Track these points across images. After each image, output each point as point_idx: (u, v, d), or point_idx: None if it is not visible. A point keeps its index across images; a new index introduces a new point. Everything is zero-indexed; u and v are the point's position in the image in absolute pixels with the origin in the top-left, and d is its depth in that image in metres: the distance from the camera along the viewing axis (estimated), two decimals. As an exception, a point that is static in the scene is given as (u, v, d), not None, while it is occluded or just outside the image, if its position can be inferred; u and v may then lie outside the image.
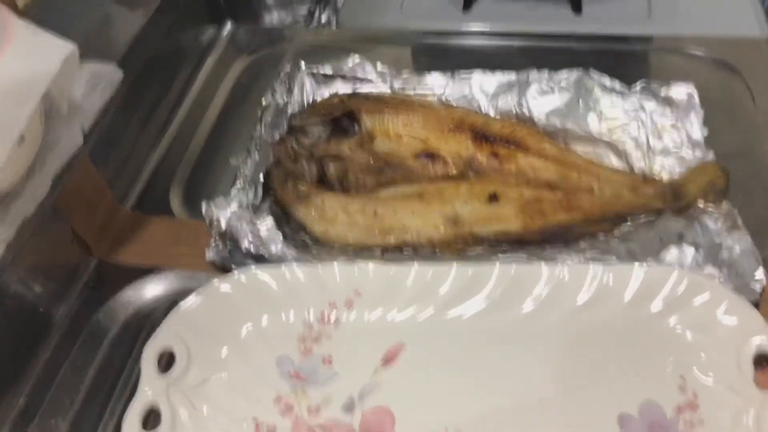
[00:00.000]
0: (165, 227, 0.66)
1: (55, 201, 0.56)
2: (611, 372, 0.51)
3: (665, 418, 0.48)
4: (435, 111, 0.69)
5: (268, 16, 0.95)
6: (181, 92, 0.81)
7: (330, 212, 0.62)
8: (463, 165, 0.66)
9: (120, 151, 0.69)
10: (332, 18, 0.93)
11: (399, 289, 0.56)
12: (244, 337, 0.54)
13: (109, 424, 0.52)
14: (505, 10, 0.88)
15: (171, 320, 0.53)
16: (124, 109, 0.69)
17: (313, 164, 0.67)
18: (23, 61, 0.47)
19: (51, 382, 0.54)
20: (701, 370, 0.50)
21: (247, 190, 0.63)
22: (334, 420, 0.50)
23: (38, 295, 0.57)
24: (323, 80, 0.75)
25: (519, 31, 0.83)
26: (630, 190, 0.62)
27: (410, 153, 0.67)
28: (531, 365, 0.52)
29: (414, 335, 0.54)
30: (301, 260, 0.58)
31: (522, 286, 0.55)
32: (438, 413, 0.50)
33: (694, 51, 0.77)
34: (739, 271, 0.54)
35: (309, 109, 0.71)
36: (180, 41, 0.81)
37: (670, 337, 0.52)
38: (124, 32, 0.69)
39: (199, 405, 0.50)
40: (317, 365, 0.53)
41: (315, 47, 0.86)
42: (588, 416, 0.49)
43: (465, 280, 0.55)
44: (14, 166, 0.48)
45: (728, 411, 0.48)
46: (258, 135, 0.69)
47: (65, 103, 0.55)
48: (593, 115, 0.67)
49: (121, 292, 0.60)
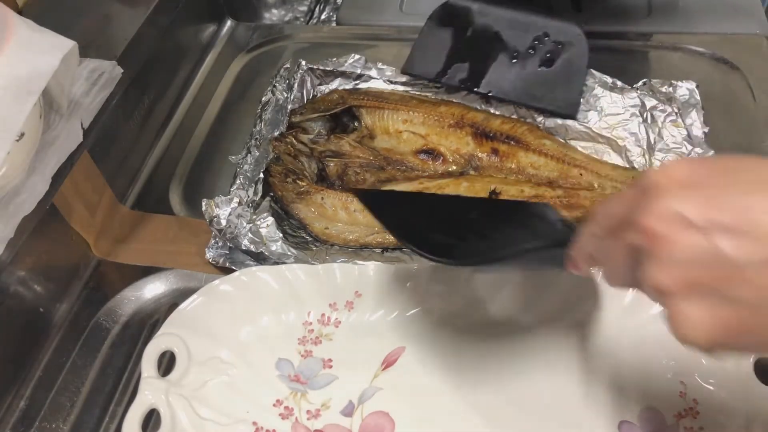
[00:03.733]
0: (165, 225, 0.66)
1: (54, 199, 0.56)
2: (611, 378, 0.50)
3: (665, 425, 0.48)
4: (435, 107, 0.68)
5: (268, 13, 0.95)
6: (181, 89, 0.81)
7: (330, 210, 0.62)
8: (464, 162, 0.66)
9: (119, 148, 0.69)
10: (332, 15, 0.93)
11: (399, 290, 0.55)
12: (245, 339, 0.54)
13: (110, 427, 0.52)
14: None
15: (171, 321, 0.53)
16: (123, 107, 0.68)
17: (313, 161, 0.66)
18: (23, 58, 0.47)
19: (51, 385, 0.54)
20: (702, 376, 0.50)
21: (247, 188, 0.63)
22: (334, 424, 0.50)
23: (38, 295, 0.57)
24: (323, 77, 0.75)
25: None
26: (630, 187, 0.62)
27: (410, 149, 0.67)
28: (531, 372, 0.51)
29: (414, 337, 0.54)
30: (301, 258, 0.58)
31: (522, 288, 0.55)
32: (437, 418, 0.50)
33: (694, 48, 0.77)
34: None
35: (308, 106, 0.71)
36: (180, 39, 0.81)
37: (671, 342, 0.51)
38: (123, 29, 0.68)
39: (198, 408, 0.50)
40: (317, 368, 0.53)
41: (314, 44, 0.86)
42: (588, 424, 0.48)
43: (465, 282, 0.55)
44: (14, 162, 0.48)
45: (728, 418, 0.47)
46: (257, 132, 0.69)
47: (65, 99, 0.55)
48: (593, 112, 0.67)
49: (121, 292, 0.60)
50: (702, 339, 0.27)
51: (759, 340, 0.27)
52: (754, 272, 0.26)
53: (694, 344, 0.27)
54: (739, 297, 0.26)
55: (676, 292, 0.27)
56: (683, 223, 0.27)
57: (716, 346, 0.27)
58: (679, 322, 0.28)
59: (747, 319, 0.26)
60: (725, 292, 0.26)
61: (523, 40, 0.69)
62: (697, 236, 0.27)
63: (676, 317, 0.28)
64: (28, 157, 0.50)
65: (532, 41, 0.69)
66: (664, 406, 0.49)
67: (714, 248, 0.26)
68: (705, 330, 0.27)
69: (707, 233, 0.27)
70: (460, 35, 0.72)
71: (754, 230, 0.26)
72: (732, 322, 0.26)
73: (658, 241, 0.28)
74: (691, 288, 0.27)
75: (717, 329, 0.27)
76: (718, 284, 0.26)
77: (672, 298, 0.28)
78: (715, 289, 0.27)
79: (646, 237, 0.28)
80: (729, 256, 0.26)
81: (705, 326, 0.27)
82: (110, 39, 0.67)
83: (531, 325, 0.54)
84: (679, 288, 0.27)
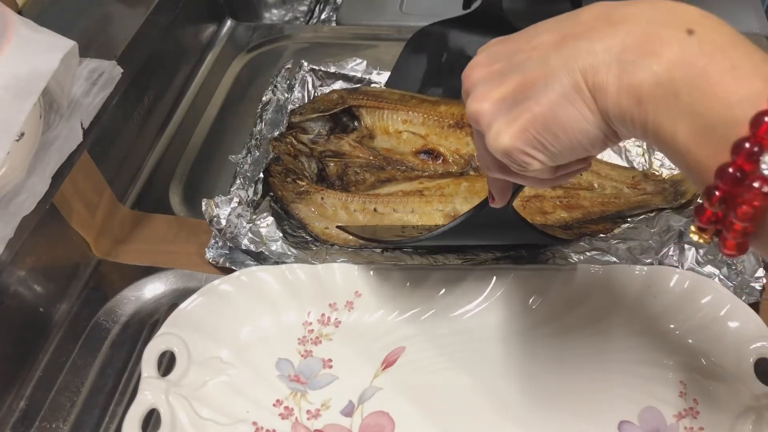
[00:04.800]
0: (165, 225, 0.66)
1: (54, 199, 0.56)
2: (611, 377, 0.51)
3: (665, 425, 0.48)
4: (435, 106, 0.68)
5: (268, 13, 0.95)
6: (181, 89, 0.81)
7: (330, 209, 0.62)
8: (464, 162, 0.66)
9: (119, 148, 0.69)
10: (332, 15, 0.93)
11: (399, 290, 0.55)
12: (245, 339, 0.54)
13: (110, 427, 0.52)
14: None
15: (171, 321, 0.53)
16: (123, 107, 0.68)
17: (312, 161, 0.66)
18: (23, 58, 0.47)
19: (51, 385, 0.54)
20: (702, 376, 0.50)
21: (247, 188, 0.63)
22: (334, 424, 0.50)
23: (38, 295, 0.57)
24: (325, 78, 0.75)
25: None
26: (630, 187, 0.62)
27: (410, 150, 0.67)
28: (531, 372, 0.52)
29: (414, 337, 0.54)
30: (301, 258, 0.58)
31: (521, 288, 0.55)
32: (437, 418, 0.50)
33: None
34: (740, 270, 0.54)
35: (308, 105, 0.71)
36: (180, 39, 0.81)
37: (671, 342, 0.51)
38: (124, 29, 0.68)
39: (198, 408, 0.50)
40: (317, 368, 0.53)
41: (314, 44, 0.86)
42: (588, 423, 0.48)
43: (465, 282, 0.55)
44: (13, 162, 0.48)
45: (729, 417, 0.47)
46: (258, 132, 0.69)
47: (65, 99, 0.55)
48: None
49: (121, 292, 0.60)
50: (507, 142, 0.32)
51: (548, 135, 0.32)
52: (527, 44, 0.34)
53: (504, 148, 0.33)
54: (521, 64, 0.33)
55: (485, 113, 0.33)
56: (477, 66, 0.36)
57: (520, 145, 0.32)
58: (491, 137, 0.33)
59: (534, 117, 0.32)
60: (516, 97, 0.32)
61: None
62: (483, 70, 0.35)
63: (488, 134, 0.33)
64: (28, 157, 0.50)
65: None
66: (664, 406, 0.49)
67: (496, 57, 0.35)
68: (507, 134, 0.32)
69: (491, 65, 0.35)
70: (436, 60, 0.73)
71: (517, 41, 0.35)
72: (523, 122, 0.32)
73: (469, 86, 0.35)
74: (493, 105, 0.33)
75: (516, 130, 0.32)
76: (510, 93, 0.33)
77: (483, 119, 0.33)
78: (508, 99, 0.33)
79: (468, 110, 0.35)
80: (504, 51, 0.35)
81: (508, 131, 0.32)
82: (110, 39, 0.67)
83: (531, 325, 0.54)
84: (485, 109, 0.33)
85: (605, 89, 0.30)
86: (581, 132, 0.31)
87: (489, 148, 0.34)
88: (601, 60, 0.30)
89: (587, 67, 0.30)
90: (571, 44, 0.31)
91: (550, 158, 0.33)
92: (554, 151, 0.32)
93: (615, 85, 0.29)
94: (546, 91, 0.31)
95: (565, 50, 0.31)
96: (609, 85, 0.29)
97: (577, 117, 0.31)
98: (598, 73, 0.30)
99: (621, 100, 0.29)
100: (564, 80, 0.31)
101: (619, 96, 0.29)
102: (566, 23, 0.33)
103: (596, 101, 0.30)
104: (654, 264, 0.55)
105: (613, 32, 0.30)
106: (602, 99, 0.30)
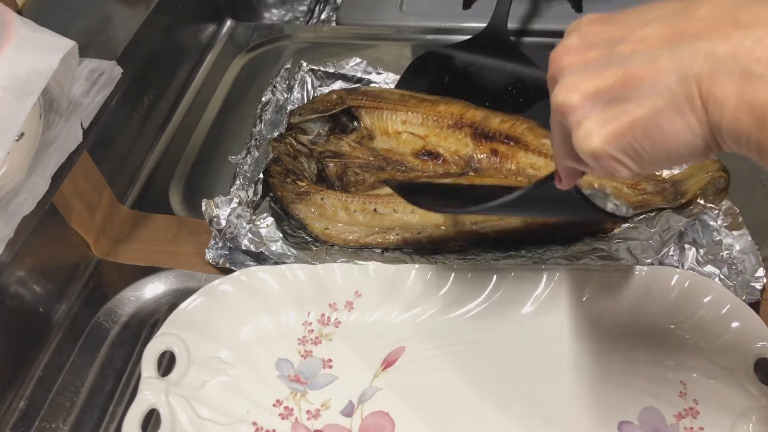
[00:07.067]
0: (165, 225, 0.66)
1: (54, 199, 0.56)
2: (611, 378, 0.50)
3: (665, 425, 0.48)
4: (434, 106, 0.68)
5: (268, 13, 0.95)
6: (181, 90, 0.81)
7: (330, 210, 0.62)
8: (463, 163, 0.66)
9: (119, 148, 0.69)
10: (332, 15, 0.93)
11: (399, 290, 0.55)
12: (245, 339, 0.54)
13: (110, 427, 0.52)
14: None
15: (171, 321, 0.53)
16: (123, 107, 0.68)
17: (312, 161, 0.66)
18: (23, 58, 0.47)
19: (51, 385, 0.54)
20: (702, 376, 0.50)
21: (247, 188, 0.63)
22: (334, 424, 0.50)
23: (38, 295, 0.57)
24: (324, 78, 0.75)
25: (519, 30, 0.83)
26: (630, 187, 0.62)
27: (410, 150, 0.67)
28: (531, 371, 0.51)
29: (414, 337, 0.54)
30: (301, 258, 0.58)
31: (521, 288, 0.55)
32: (437, 418, 0.50)
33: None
34: (740, 270, 0.54)
35: (307, 106, 0.71)
36: (179, 39, 0.81)
37: (671, 342, 0.51)
38: (123, 29, 0.68)
39: (198, 408, 0.50)
40: (317, 368, 0.53)
41: (314, 44, 0.86)
42: (588, 424, 0.48)
43: (465, 282, 0.55)
44: (13, 162, 0.48)
45: (729, 417, 0.47)
46: (257, 132, 0.69)
47: (65, 99, 0.55)
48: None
49: (121, 292, 0.60)
50: (598, 145, 0.29)
51: (646, 144, 0.29)
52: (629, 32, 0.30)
53: (593, 151, 0.30)
54: (623, 57, 0.29)
55: (575, 107, 0.30)
56: (569, 50, 0.32)
57: (611, 150, 0.29)
58: (579, 135, 0.30)
59: (634, 122, 0.29)
60: (614, 94, 0.29)
61: (498, 87, 0.72)
62: (577, 56, 0.31)
63: (576, 131, 0.30)
64: (27, 157, 0.50)
65: (508, 88, 0.72)
66: (664, 406, 0.49)
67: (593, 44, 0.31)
68: (599, 136, 0.29)
69: (584, 52, 0.31)
70: (439, 81, 0.73)
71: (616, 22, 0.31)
72: (620, 126, 0.29)
73: (557, 72, 0.32)
74: (585, 99, 0.30)
75: (609, 134, 0.29)
76: (608, 89, 0.29)
77: (573, 114, 0.30)
78: (603, 94, 0.29)
79: (554, 102, 0.32)
80: (605, 38, 0.31)
81: (600, 133, 0.29)
82: (110, 39, 0.67)
83: (531, 325, 0.54)
84: (575, 102, 0.30)
85: (722, 102, 0.27)
86: (685, 144, 0.28)
87: (575, 146, 0.31)
88: (722, 68, 0.26)
89: (704, 74, 0.27)
90: (686, 43, 0.27)
91: (641, 166, 0.30)
92: (648, 160, 0.29)
93: (734, 99, 0.26)
94: (652, 94, 0.28)
95: (679, 50, 0.28)
96: (727, 98, 0.26)
97: (682, 128, 0.28)
98: (716, 84, 0.26)
99: (739, 117, 0.26)
100: (674, 86, 0.27)
101: (738, 112, 0.26)
102: (680, 16, 0.29)
103: (707, 113, 0.27)
104: (654, 264, 0.55)
105: (740, 36, 0.26)
106: (716, 112, 0.27)
